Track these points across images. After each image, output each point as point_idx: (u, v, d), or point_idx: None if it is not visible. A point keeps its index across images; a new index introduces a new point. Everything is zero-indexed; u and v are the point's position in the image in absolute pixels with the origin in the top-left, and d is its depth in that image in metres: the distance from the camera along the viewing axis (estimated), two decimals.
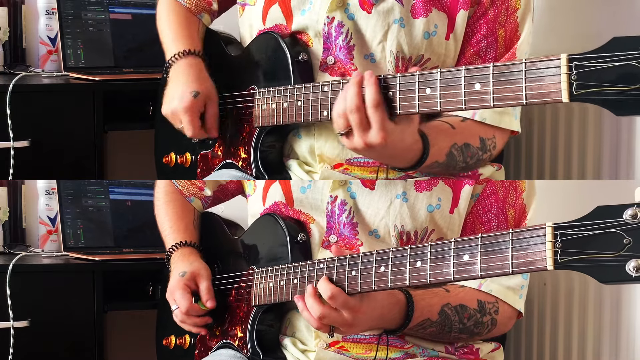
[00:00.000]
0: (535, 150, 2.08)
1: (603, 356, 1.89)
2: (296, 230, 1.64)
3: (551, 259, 1.19)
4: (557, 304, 1.99)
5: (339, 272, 1.46)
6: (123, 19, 2.60)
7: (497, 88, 1.30)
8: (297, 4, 1.67)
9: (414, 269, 1.36)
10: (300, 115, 1.60)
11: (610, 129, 1.91)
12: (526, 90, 1.25)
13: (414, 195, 1.60)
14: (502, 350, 1.73)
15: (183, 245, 1.82)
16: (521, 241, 1.23)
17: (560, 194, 1.99)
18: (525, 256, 1.22)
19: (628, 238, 1.14)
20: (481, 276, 1.28)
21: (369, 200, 1.61)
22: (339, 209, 1.62)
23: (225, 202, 1.95)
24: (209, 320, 1.72)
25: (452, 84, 1.35)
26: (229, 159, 1.76)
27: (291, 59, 1.65)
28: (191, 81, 1.72)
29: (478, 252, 1.28)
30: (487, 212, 1.63)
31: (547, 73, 1.23)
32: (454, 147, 1.57)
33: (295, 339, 1.65)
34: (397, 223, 1.60)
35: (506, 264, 1.25)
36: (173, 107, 1.70)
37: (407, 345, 1.61)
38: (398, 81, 1.42)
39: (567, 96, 1.21)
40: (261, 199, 1.72)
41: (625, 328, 1.85)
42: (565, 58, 1.21)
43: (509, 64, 1.28)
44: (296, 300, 1.50)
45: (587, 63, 1.19)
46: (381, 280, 1.40)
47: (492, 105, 1.31)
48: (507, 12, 1.64)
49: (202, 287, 1.71)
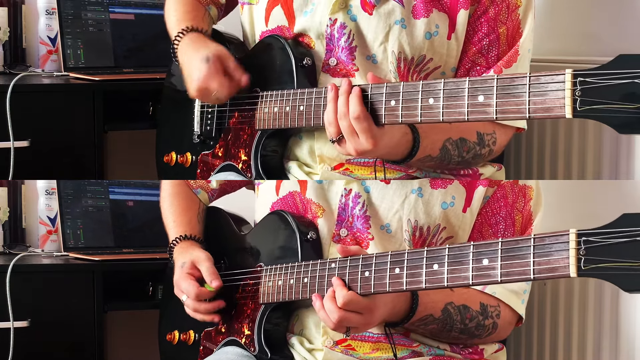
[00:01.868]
0: (535, 150, 2.07)
1: (603, 356, 1.89)
2: (306, 227, 1.64)
3: (574, 266, 1.17)
4: (557, 304, 1.99)
5: (352, 272, 1.46)
6: (123, 19, 2.60)
7: (501, 101, 1.29)
8: (299, 5, 1.67)
9: (431, 272, 1.35)
10: (302, 119, 1.61)
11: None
12: (529, 104, 1.25)
13: (429, 191, 1.61)
14: (505, 350, 1.73)
15: (184, 238, 1.82)
16: (543, 247, 1.21)
17: (560, 194, 1.99)
18: (547, 262, 1.20)
19: None
20: (501, 281, 1.26)
21: (383, 194, 1.61)
22: (352, 201, 1.62)
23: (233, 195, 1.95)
24: (222, 304, 1.71)
25: (455, 94, 1.35)
26: (229, 160, 1.76)
27: (295, 63, 1.65)
28: (198, 50, 1.70)
29: (498, 256, 1.26)
30: (495, 215, 1.64)
31: (552, 88, 1.22)
32: (448, 142, 1.58)
33: (303, 337, 1.65)
34: (411, 217, 1.60)
35: (527, 269, 1.23)
36: (196, 85, 1.68)
37: (414, 344, 1.61)
38: (401, 89, 1.42)
39: (570, 112, 1.20)
40: (274, 188, 1.71)
41: (625, 328, 1.85)
42: (570, 74, 1.20)
43: (513, 76, 1.28)
44: (314, 298, 1.50)
45: (592, 79, 1.18)
46: (396, 282, 1.40)
47: (494, 118, 1.30)
48: (508, 10, 1.64)
49: (204, 269, 1.71)
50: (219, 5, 1.88)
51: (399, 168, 1.63)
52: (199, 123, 1.84)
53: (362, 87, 1.47)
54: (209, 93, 1.68)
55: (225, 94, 1.69)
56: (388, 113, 1.44)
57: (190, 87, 1.71)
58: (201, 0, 1.85)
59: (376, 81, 1.48)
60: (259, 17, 1.73)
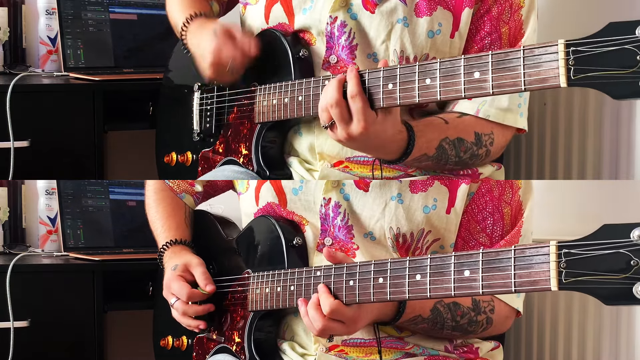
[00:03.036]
0: (535, 150, 2.08)
1: (603, 356, 1.89)
2: (292, 233, 1.64)
3: (555, 279, 1.16)
4: (557, 304, 1.99)
5: (337, 281, 1.46)
6: (123, 19, 2.60)
7: (496, 75, 1.31)
8: (299, 2, 1.67)
9: (413, 282, 1.34)
10: (301, 109, 1.61)
11: (610, 128, 1.91)
12: (525, 77, 1.27)
13: (409, 196, 1.60)
14: (502, 349, 1.73)
15: (174, 243, 1.81)
16: (524, 259, 1.20)
17: (560, 194, 1.99)
18: (528, 275, 1.19)
19: (635, 259, 1.11)
20: (483, 293, 1.25)
21: (363, 202, 1.61)
22: (333, 211, 1.62)
23: (224, 202, 1.95)
24: (212, 308, 1.70)
25: (451, 73, 1.36)
26: (230, 156, 1.76)
27: (292, 55, 1.65)
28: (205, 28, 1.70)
29: (479, 268, 1.25)
30: (482, 211, 1.63)
31: (545, 59, 1.24)
32: (444, 141, 1.57)
33: (294, 342, 1.65)
34: (393, 225, 1.59)
35: (508, 282, 1.21)
36: (209, 60, 1.67)
37: (407, 347, 1.61)
38: (398, 72, 1.43)
39: (565, 81, 1.21)
40: (254, 198, 1.71)
41: (625, 328, 1.85)
42: (563, 44, 1.22)
43: (508, 51, 1.29)
44: (300, 303, 1.50)
45: (585, 48, 1.19)
46: (380, 292, 1.39)
47: (491, 93, 1.32)
48: (511, 10, 1.64)
49: (197, 274, 1.70)
50: (221, 2, 1.88)
51: (398, 167, 1.63)
52: (198, 121, 1.84)
53: (360, 72, 1.47)
54: (223, 68, 1.66)
55: (239, 65, 1.66)
56: (386, 96, 1.44)
57: (203, 67, 1.70)
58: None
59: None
60: (259, 15, 1.73)
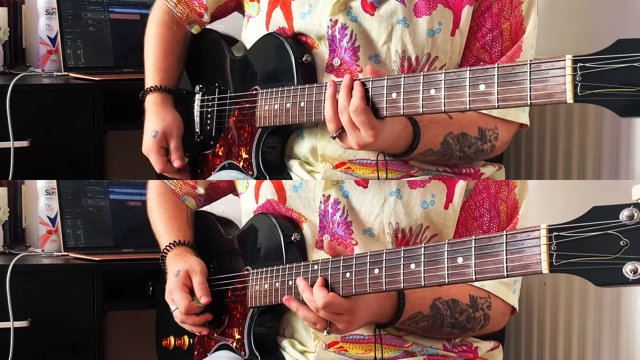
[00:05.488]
0: (535, 150, 2.08)
1: (603, 356, 1.89)
2: (290, 229, 1.64)
3: (546, 262, 1.17)
4: (557, 304, 1.99)
5: (334, 274, 1.46)
6: (123, 19, 2.60)
7: (502, 89, 1.30)
8: (297, 7, 1.67)
9: (408, 272, 1.35)
10: (303, 115, 1.60)
11: (610, 129, 1.91)
12: (531, 91, 1.26)
13: (408, 192, 1.60)
14: (501, 349, 1.73)
15: (177, 244, 1.81)
16: (515, 243, 1.21)
17: (560, 194, 1.99)
18: (520, 259, 1.20)
19: (625, 240, 1.12)
20: (476, 279, 1.26)
21: (362, 199, 1.61)
22: (332, 208, 1.62)
23: (224, 202, 1.95)
24: (209, 318, 1.72)
25: (456, 84, 1.36)
26: (230, 159, 1.76)
27: (295, 60, 1.65)
28: (153, 120, 1.81)
29: (472, 254, 1.26)
30: (479, 207, 1.64)
31: (552, 74, 1.23)
32: (449, 136, 1.58)
33: (294, 339, 1.65)
34: (392, 220, 1.60)
35: (501, 267, 1.22)
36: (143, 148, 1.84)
37: (406, 345, 1.61)
38: (402, 82, 1.43)
39: (571, 97, 1.21)
40: (254, 196, 1.72)
41: (625, 328, 1.85)
42: (570, 59, 1.21)
43: (514, 65, 1.29)
44: (285, 302, 1.51)
45: (592, 64, 1.19)
46: (375, 282, 1.40)
47: (496, 106, 1.31)
48: (512, 6, 1.64)
49: (195, 283, 1.71)
50: (202, 24, 1.88)
51: (401, 169, 1.63)
52: (199, 123, 1.84)
53: (363, 81, 1.48)
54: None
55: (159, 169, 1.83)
56: (389, 105, 1.44)
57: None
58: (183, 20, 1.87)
59: (376, 74, 1.49)
60: (260, 25, 1.72)
